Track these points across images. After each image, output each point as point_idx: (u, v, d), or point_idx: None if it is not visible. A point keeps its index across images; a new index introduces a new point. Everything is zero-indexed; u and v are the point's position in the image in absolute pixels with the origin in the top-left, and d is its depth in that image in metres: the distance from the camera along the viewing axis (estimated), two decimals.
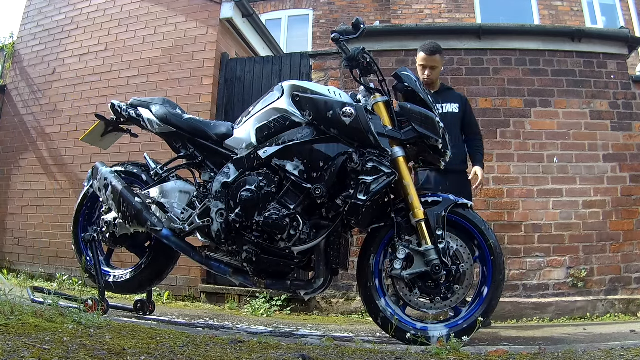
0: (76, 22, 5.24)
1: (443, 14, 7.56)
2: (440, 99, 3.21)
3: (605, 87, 4.06)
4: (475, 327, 2.13)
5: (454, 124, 3.19)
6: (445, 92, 3.30)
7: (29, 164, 5.07)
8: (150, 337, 1.67)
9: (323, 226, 2.19)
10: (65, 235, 4.45)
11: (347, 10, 8.72)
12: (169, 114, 2.49)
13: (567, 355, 1.63)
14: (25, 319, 1.61)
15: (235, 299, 3.91)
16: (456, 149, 3.14)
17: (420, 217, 2.17)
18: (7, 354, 1.17)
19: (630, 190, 3.88)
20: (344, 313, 3.73)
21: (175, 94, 4.40)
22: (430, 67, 3.18)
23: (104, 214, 2.60)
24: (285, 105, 2.24)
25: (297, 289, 2.26)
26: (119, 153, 4.26)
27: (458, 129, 3.24)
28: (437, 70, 3.23)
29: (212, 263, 2.35)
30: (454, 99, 3.26)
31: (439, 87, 3.32)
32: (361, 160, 2.08)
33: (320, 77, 4.24)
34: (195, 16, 4.73)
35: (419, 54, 3.24)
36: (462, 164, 3.23)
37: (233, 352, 1.51)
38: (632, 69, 4.83)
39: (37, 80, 5.26)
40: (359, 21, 2.31)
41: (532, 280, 3.70)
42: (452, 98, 3.27)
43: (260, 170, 2.22)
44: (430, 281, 2.17)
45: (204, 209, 2.29)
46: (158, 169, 2.54)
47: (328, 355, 1.54)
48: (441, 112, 3.15)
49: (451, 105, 3.22)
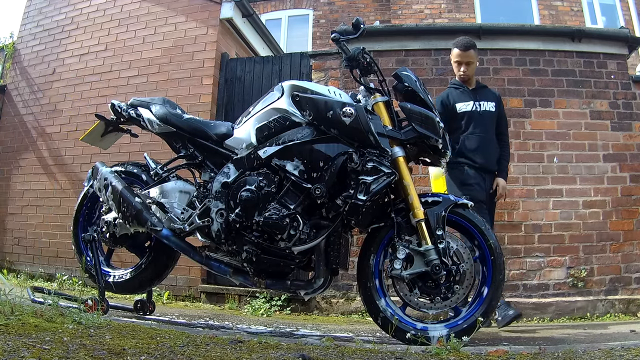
0: (76, 22, 5.24)
1: (443, 14, 7.56)
2: (477, 96, 3.20)
3: (605, 87, 4.06)
4: (475, 327, 2.13)
5: (490, 122, 3.19)
6: (481, 90, 3.27)
7: (29, 164, 5.07)
8: (150, 337, 1.67)
9: (323, 226, 2.19)
10: (65, 235, 4.45)
11: (347, 10, 8.72)
12: (169, 114, 2.49)
13: (567, 355, 1.63)
14: (25, 319, 1.61)
15: (235, 299, 3.91)
16: (491, 148, 3.18)
17: (420, 217, 2.17)
18: (7, 354, 1.17)
19: (630, 190, 3.88)
20: (344, 313, 3.73)
21: (175, 94, 4.40)
22: (466, 63, 3.16)
23: (104, 214, 2.60)
24: (285, 105, 2.24)
25: (297, 289, 2.26)
26: (119, 153, 4.26)
27: (492, 128, 3.21)
28: (472, 65, 3.20)
29: (212, 263, 2.35)
30: (491, 97, 3.24)
31: (475, 84, 3.28)
32: (361, 160, 2.08)
33: (320, 77, 4.24)
34: (195, 16, 4.73)
35: (453, 50, 3.22)
36: (495, 164, 3.21)
37: (233, 352, 1.51)
38: (632, 69, 4.83)
39: (37, 80, 5.27)
40: (359, 21, 2.31)
41: (532, 280, 3.70)
42: (489, 96, 3.24)
43: (260, 170, 2.22)
44: (430, 281, 2.17)
45: (204, 209, 2.29)
46: (158, 169, 2.54)
47: (328, 355, 1.54)
48: (479, 110, 3.16)
49: (488, 104, 3.19)
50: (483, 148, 3.14)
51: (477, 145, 3.13)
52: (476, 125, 3.15)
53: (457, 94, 3.23)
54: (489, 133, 3.18)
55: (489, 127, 3.18)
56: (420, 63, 4.16)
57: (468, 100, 3.19)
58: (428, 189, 3.79)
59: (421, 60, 4.17)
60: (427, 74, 4.10)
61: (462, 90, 3.24)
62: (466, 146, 3.14)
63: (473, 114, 3.16)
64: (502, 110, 3.29)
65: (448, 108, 3.19)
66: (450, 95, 3.25)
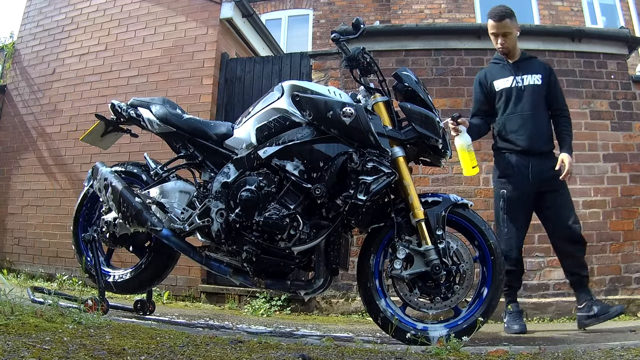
0: (76, 22, 5.24)
1: (443, 14, 7.56)
2: (519, 70, 2.91)
3: (605, 87, 4.06)
4: (475, 327, 2.13)
5: (534, 97, 2.85)
6: (525, 62, 2.95)
7: (29, 164, 5.07)
8: (150, 337, 1.67)
9: (323, 226, 2.19)
10: (65, 235, 4.45)
11: (347, 10, 8.72)
12: (169, 114, 2.49)
13: (567, 355, 1.63)
14: (25, 319, 1.61)
15: (235, 299, 3.91)
16: (537, 127, 2.83)
17: (420, 217, 2.17)
18: (7, 354, 1.17)
19: (630, 190, 3.88)
20: (344, 313, 3.73)
21: (175, 94, 4.40)
22: (502, 34, 2.88)
23: (104, 214, 2.60)
24: (285, 105, 2.24)
25: (297, 289, 2.26)
26: (119, 153, 4.26)
27: (541, 103, 2.88)
28: (510, 36, 2.89)
29: (212, 263, 2.35)
30: (536, 69, 2.91)
31: (519, 55, 2.97)
32: (361, 160, 2.09)
33: (320, 77, 4.24)
34: (195, 16, 4.73)
35: (488, 22, 2.95)
36: (546, 143, 2.86)
37: (233, 352, 1.51)
38: (632, 69, 4.83)
39: (37, 80, 5.27)
40: (359, 21, 2.31)
41: (532, 280, 3.70)
42: (534, 68, 2.91)
43: (260, 170, 2.22)
44: (430, 281, 2.18)
45: (204, 209, 2.29)
46: (158, 169, 2.54)
47: (328, 355, 1.54)
48: (520, 86, 2.87)
49: (532, 77, 2.87)
50: (526, 128, 2.82)
51: (519, 126, 2.83)
52: (517, 103, 2.86)
53: (496, 70, 2.98)
54: (536, 110, 2.84)
55: (534, 103, 2.83)
56: (420, 63, 4.16)
57: (507, 76, 2.91)
58: (428, 189, 3.80)
59: (421, 60, 4.17)
60: (427, 74, 4.10)
61: (502, 65, 2.97)
62: (506, 128, 2.87)
63: (512, 90, 2.88)
64: (553, 81, 2.92)
65: (485, 87, 2.97)
66: (488, 72, 3.00)
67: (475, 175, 3.85)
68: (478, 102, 3.05)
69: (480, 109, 3.03)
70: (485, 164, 3.87)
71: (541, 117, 2.87)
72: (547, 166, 2.83)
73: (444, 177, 3.92)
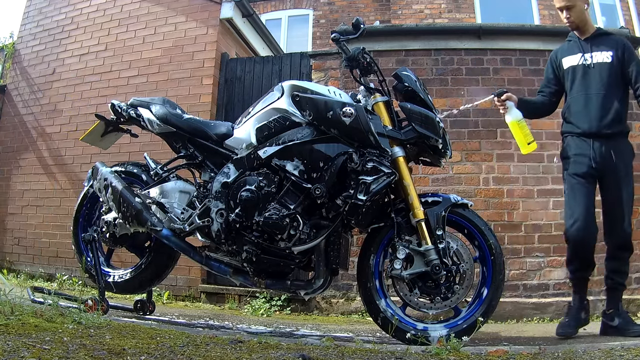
0: (76, 22, 5.24)
1: (443, 14, 7.56)
2: (590, 47, 2.66)
3: None
4: (475, 327, 2.14)
5: (604, 76, 2.59)
6: (597, 39, 2.68)
7: (29, 164, 5.07)
8: (150, 337, 1.67)
9: (323, 226, 2.19)
10: (65, 235, 4.45)
11: (347, 10, 8.72)
12: (169, 114, 2.49)
13: (567, 355, 1.63)
14: (25, 319, 1.61)
15: (235, 299, 3.91)
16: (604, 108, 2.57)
17: (420, 217, 2.18)
18: (7, 354, 1.17)
19: None
20: (344, 313, 3.73)
21: (175, 94, 4.39)
22: (566, 7, 2.64)
23: (104, 214, 2.60)
24: (285, 105, 2.24)
25: (297, 289, 2.27)
26: (119, 153, 4.26)
27: (613, 83, 2.60)
28: (576, 9, 2.63)
29: (212, 263, 2.35)
30: (608, 46, 2.63)
31: (593, 32, 2.70)
32: (361, 160, 2.09)
33: (320, 77, 4.24)
34: (195, 16, 4.73)
35: None
36: (615, 125, 2.56)
37: (233, 352, 1.51)
38: None
39: (37, 80, 5.26)
40: (359, 21, 2.31)
41: (532, 280, 3.70)
42: (606, 45, 2.64)
43: (260, 170, 2.22)
44: (430, 281, 2.18)
45: (204, 209, 2.29)
46: (158, 169, 2.55)
47: (328, 355, 1.54)
48: (588, 64, 2.63)
49: (602, 54, 2.62)
50: (587, 109, 2.59)
51: (582, 107, 2.61)
52: (583, 82, 2.63)
53: (566, 47, 2.77)
54: (603, 89, 2.58)
55: (603, 82, 2.58)
56: (420, 63, 4.15)
57: (576, 53, 2.68)
58: (428, 189, 3.80)
59: (421, 60, 4.17)
60: (427, 74, 4.10)
61: (573, 42, 2.75)
62: (570, 110, 2.67)
63: (579, 68, 2.65)
64: (628, 57, 2.61)
65: (555, 66, 2.78)
66: (559, 51, 2.80)
67: (475, 175, 3.88)
68: (545, 80, 2.87)
69: (547, 86, 2.84)
70: (485, 164, 3.87)
71: (611, 97, 2.58)
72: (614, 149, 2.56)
73: (444, 177, 3.92)
